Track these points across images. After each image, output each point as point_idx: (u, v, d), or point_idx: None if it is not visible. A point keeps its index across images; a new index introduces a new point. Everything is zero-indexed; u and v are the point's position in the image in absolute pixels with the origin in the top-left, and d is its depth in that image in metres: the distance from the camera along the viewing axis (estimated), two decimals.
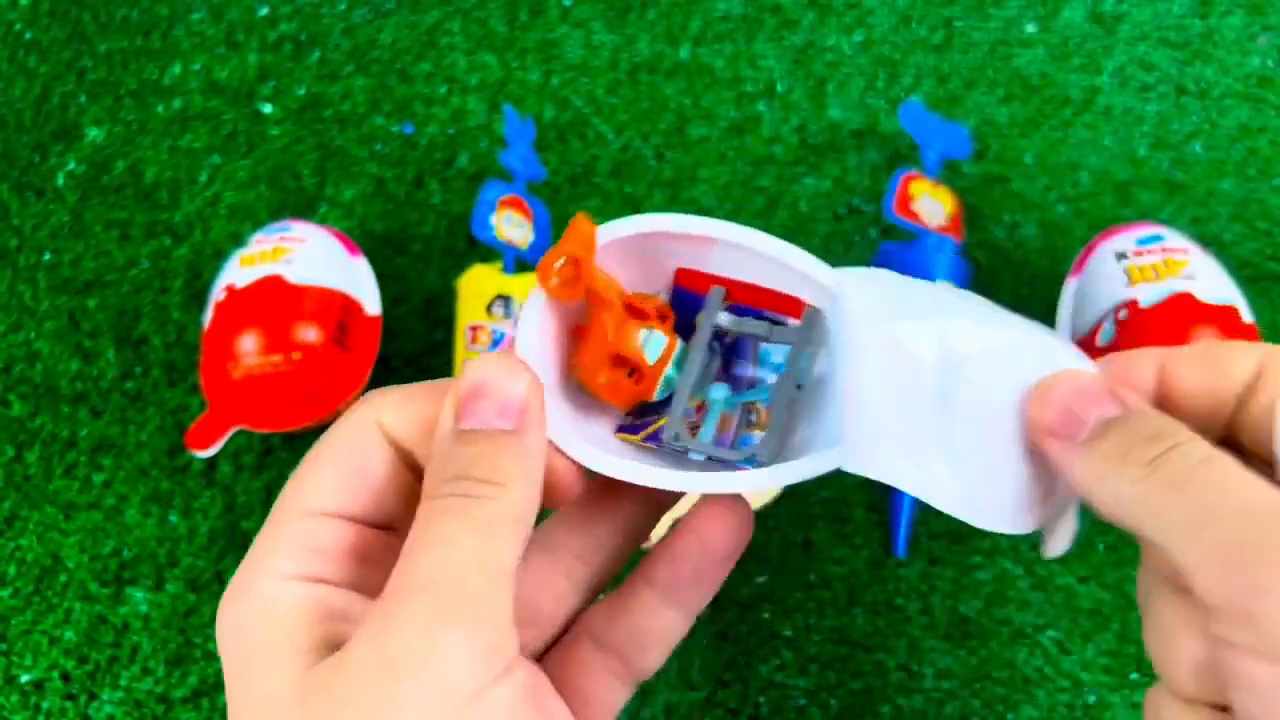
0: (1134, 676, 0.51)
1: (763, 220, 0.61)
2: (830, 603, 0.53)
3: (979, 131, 0.63)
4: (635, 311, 0.28)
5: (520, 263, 0.57)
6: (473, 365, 0.24)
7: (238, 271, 0.54)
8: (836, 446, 0.26)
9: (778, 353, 0.29)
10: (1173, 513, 0.21)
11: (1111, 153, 0.63)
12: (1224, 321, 0.50)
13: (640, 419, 0.30)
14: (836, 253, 0.60)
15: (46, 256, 0.62)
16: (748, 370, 0.30)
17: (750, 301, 0.29)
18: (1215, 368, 0.25)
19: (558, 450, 0.25)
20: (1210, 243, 0.58)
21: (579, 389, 0.29)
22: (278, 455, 0.56)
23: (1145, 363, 0.26)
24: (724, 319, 0.29)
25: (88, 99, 0.66)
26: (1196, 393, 0.25)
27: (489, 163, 0.63)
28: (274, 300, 0.53)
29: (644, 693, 0.51)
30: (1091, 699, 0.51)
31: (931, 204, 0.57)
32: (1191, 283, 0.51)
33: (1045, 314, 0.55)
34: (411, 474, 0.26)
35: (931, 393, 0.25)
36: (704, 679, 0.52)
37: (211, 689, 0.51)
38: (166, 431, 0.57)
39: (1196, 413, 0.25)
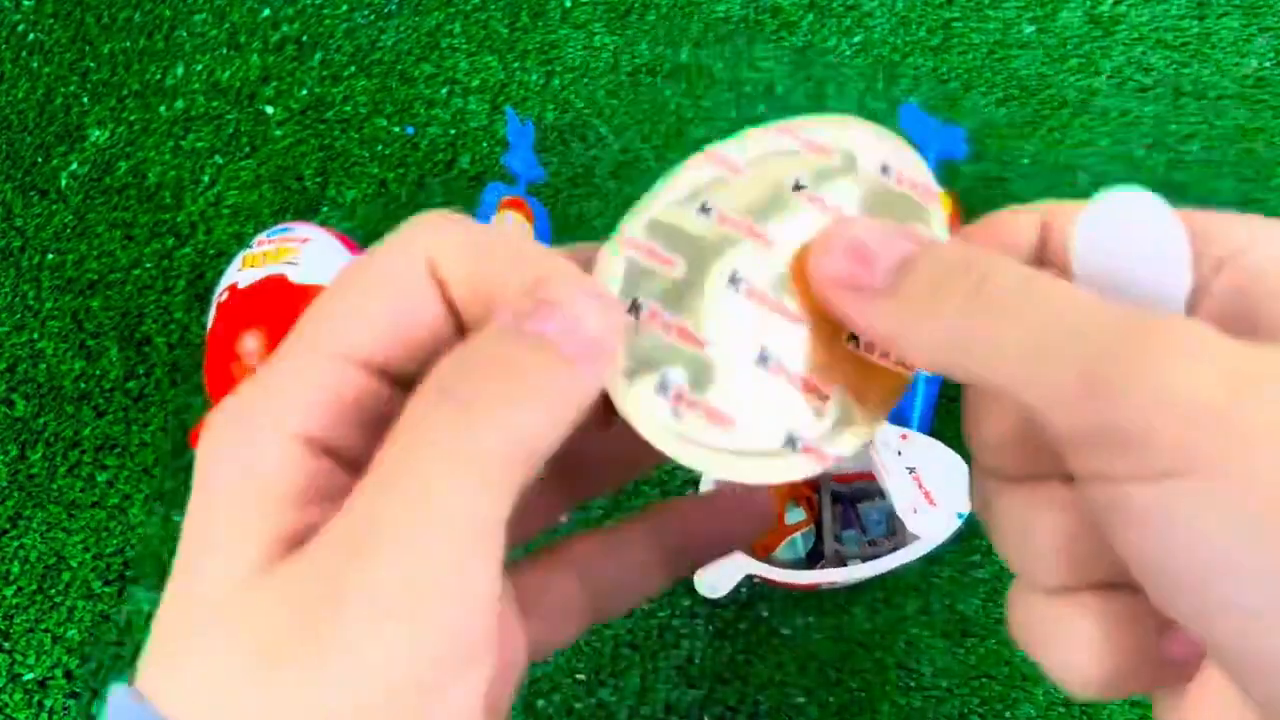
0: None
1: None
2: (829, 601, 0.53)
3: (977, 133, 0.64)
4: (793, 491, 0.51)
5: None
6: (565, 280, 0.19)
7: (240, 272, 0.54)
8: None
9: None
10: (1006, 345, 0.18)
11: (1109, 154, 0.63)
12: None
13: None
14: None
15: (50, 257, 0.62)
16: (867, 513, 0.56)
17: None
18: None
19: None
20: None
21: None
22: None
23: (1026, 219, 0.22)
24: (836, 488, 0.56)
25: (91, 100, 0.66)
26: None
27: (490, 164, 0.64)
28: (277, 300, 0.53)
29: (644, 690, 0.52)
30: None
31: None
32: None
33: None
34: (453, 331, 0.21)
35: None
36: (703, 677, 0.52)
37: None
38: (170, 431, 0.57)
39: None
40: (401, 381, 0.20)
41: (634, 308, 0.22)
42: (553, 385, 0.18)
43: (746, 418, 0.21)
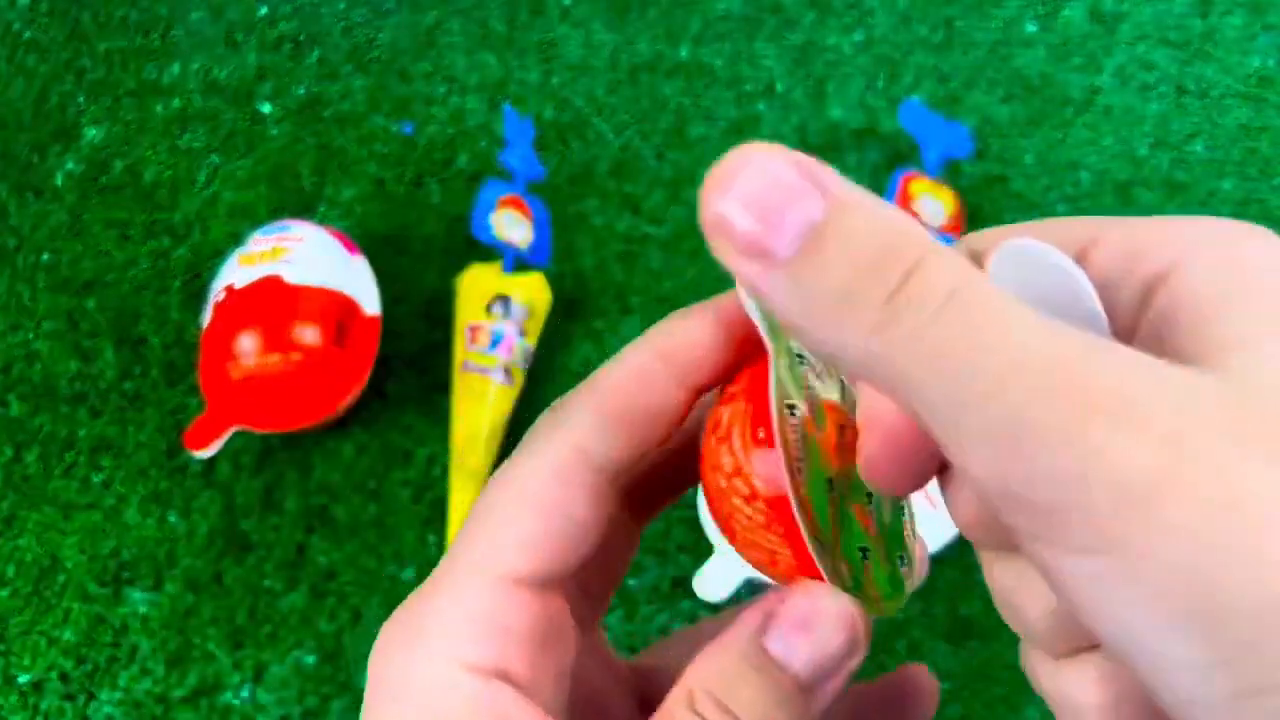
0: None
1: None
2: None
3: (979, 131, 0.63)
4: None
5: (520, 262, 0.57)
6: (808, 594, 0.20)
7: (237, 271, 0.54)
8: None
9: None
10: (924, 383, 0.15)
11: (1112, 152, 0.63)
12: None
13: None
14: None
15: (45, 257, 0.61)
16: None
17: None
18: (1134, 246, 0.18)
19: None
20: None
21: None
22: (277, 456, 0.56)
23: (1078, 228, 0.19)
24: None
25: (87, 99, 0.66)
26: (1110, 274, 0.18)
27: (488, 162, 0.63)
28: (273, 300, 0.52)
29: None
30: None
31: (932, 203, 0.57)
32: None
33: None
34: (615, 494, 0.21)
35: None
36: None
37: (210, 689, 0.51)
38: (165, 432, 0.57)
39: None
40: (556, 583, 0.20)
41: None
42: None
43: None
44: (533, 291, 0.56)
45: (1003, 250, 0.18)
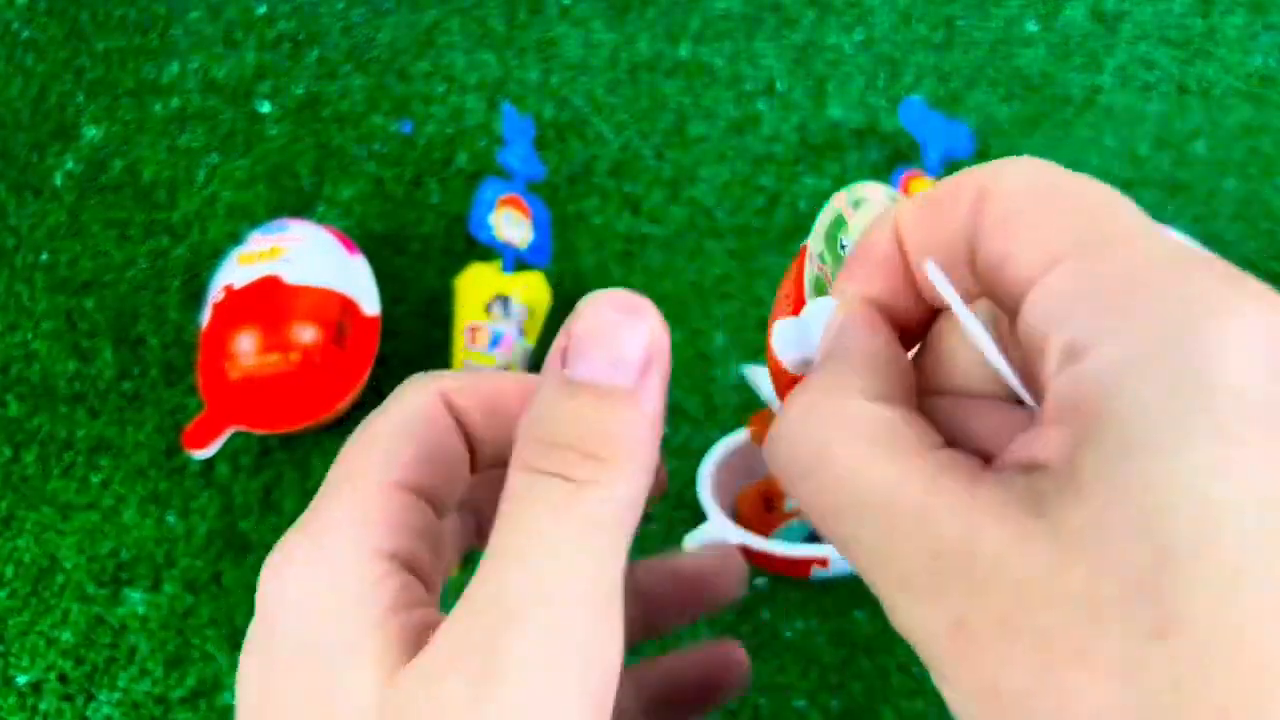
0: None
1: (763, 219, 0.61)
2: (831, 604, 0.53)
3: (980, 131, 0.63)
4: None
5: (519, 262, 0.56)
6: (591, 302, 0.20)
7: (236, 270, 0.54)
8: None
9: None
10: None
11: (1113, 152, 0.63)
12: None
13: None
14: None
15: (44, 256, 0.61)
16: None
17: None
18: (931, 220, 0.19)
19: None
20: (1212, 242, 0.58)
21: None
22: (276, 456, 0.56)
23: (881, 230, 0.20)
24: None
25: (85, 98, 0.66)
26: (929, 251, 0.19)
27: (488, 162, 0.63)
28: (272, 300, 0.52)
29: None
30: None
31: None
32: None
33: None
34: (471, 456, 0.23)
35: None
36: None
37: (210, 690, 0.51)
38: (164, 432, 0.56)
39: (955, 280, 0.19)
40: (433, 502, 0.22)
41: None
42: (633, 437, 0.20)
43: None
44: (532, 291, 0.56)
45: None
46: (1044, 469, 0.16)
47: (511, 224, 0.56)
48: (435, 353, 0.58)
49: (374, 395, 0.56)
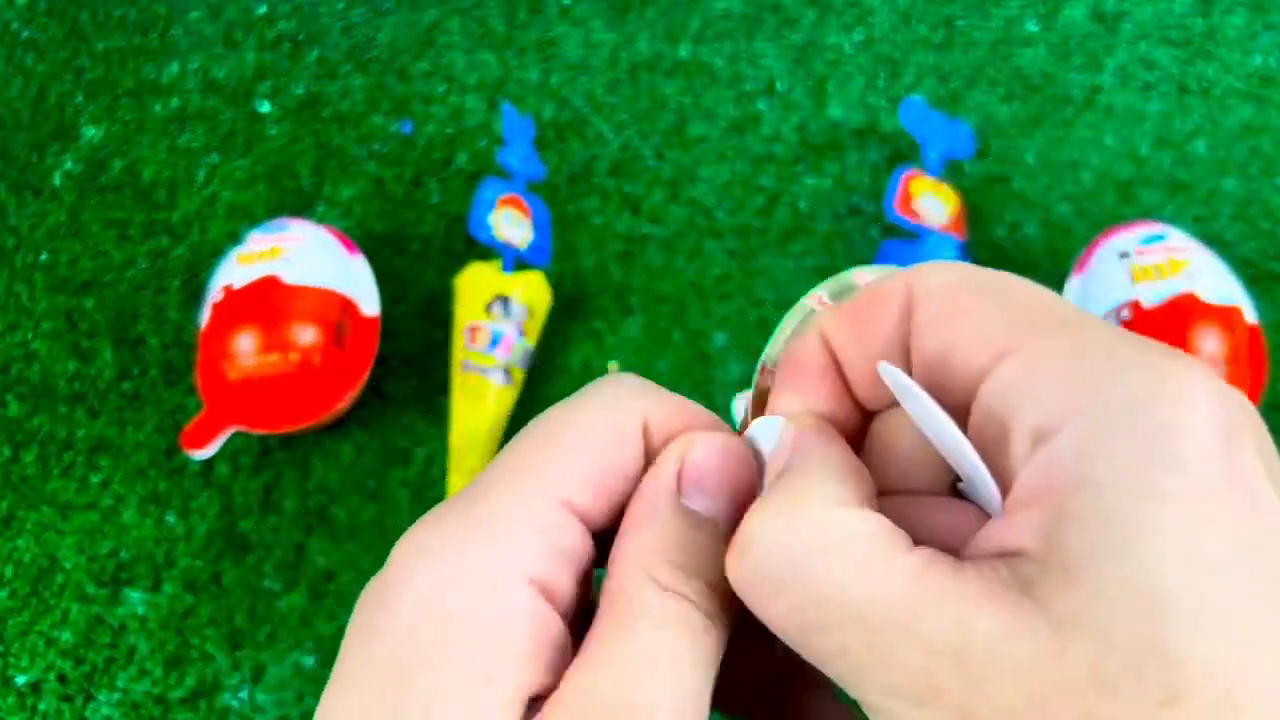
0: None
1: (763, 219, 0.61)
2: None
3: (980, 131, 0.63)
4: None
5: (519, 262, 0.56)
6: (708, 438, 0.20)
7: (235, 270, 0.54)
8: None
9: None
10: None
11: (1113, 151, 0.63)
12: (1227, 322, 0.50)
13: None
14: (838, 252, 0.60)
15: (44, 256, 0.61)
16: None
17: None
18: (861, 326, 0.19)
19: None
20: (1212, 242, 0.58)
21: None
22: (276, 456, 0.56)
23: (809, 341, 0.20)
24: None
25: (85, 98, 0.66)
26: (866, 357, 0.19)
27: (488, 162, 0.63)
28: (271, 300, 0.52)
29: None
30: None
31: (933, 203, 0.57)
32: (1194, 283, 0.50)
33: None
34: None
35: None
36: None
37: (209, 690, 0.51)
38: (164, 432, 0.56)
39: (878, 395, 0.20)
40: (597, 534, 0.20)
41: None
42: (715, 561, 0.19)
43: None
44: (532, 291, 0.56)
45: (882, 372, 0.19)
46: (1024, 554, 0.16)
47: (511, 224, 0.56)
48: (435, 353, 0.58)
49: (374, 395, 0.56)
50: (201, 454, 0.52)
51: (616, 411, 0.20)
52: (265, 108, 0.65)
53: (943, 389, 0.18)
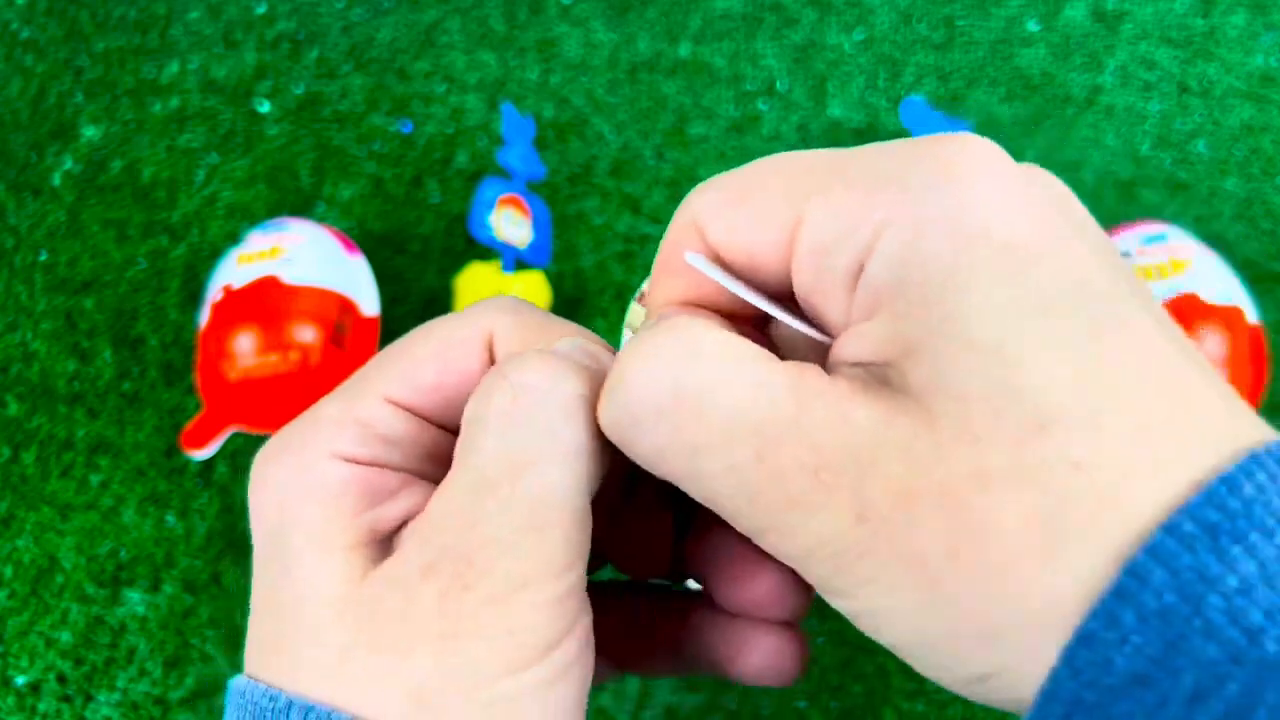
0: None
1: None
2: (830, 605, 0.53)
3: (980, 130, 0.63)
4: None
5: (519, 262, 0.56)
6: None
7: (235, 270, 0.54)
8: None
9: None
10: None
11: (1114, 151, 0.62)
12: (1228, 322, 0.50)
13: None
14: None
15: (43, 256, 0.61)
16: None
17: None
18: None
19: None
20: (1213, 242, 0.58)
21: None
22: None
23: (682, 234, 0.22)
24: None
25: (85, 98, 0.65)
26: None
27: (488, 161, 0.63)
28: (271, 300, 0.52)
29: (644, 694, 0.51)
30: None
31: None
32: (1195, 283, 0.50)
33: None
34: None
35: None
36: (704, 681, 0.51)
37: (209, 691, 0.51)
38: (164, 432, 0.56)
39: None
40: (447, 427, 0.22)
41: None
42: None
43: None
44: (532, 291, 0.56)
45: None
46: (875, 361, 0.18)
47: (511, 224, 0.56)
48: None
49: None
50: (201, 454, 0.52)
51: (458, 323, 0.22)
52: (265, 107, 0.65)
53: (778, 261, 0.20)
